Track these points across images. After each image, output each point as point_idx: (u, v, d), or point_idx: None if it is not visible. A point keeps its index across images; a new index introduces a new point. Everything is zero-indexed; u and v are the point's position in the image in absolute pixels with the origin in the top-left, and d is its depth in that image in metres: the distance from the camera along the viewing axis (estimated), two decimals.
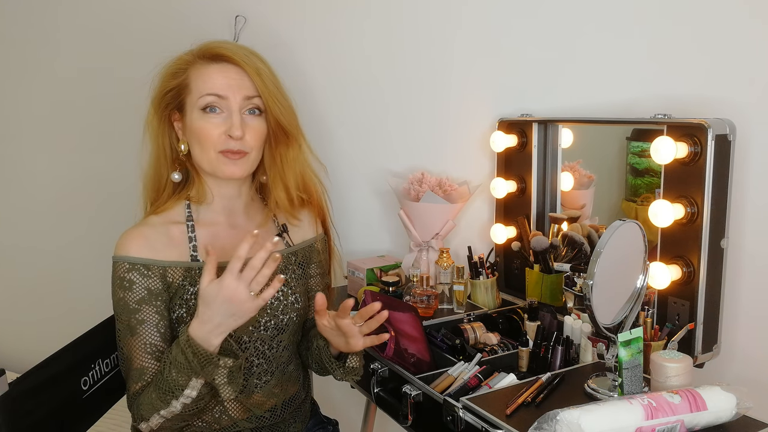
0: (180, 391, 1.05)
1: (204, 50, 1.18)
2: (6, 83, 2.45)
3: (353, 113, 1.83)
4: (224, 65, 1.17)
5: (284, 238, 1.30)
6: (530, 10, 1.51)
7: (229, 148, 1.16)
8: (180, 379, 1.05)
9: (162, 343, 1.14)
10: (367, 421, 1.65)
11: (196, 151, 1.18)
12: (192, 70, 1.18)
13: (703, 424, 0.92)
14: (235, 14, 1.86)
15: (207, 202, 1.23)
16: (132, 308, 1.12)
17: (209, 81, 1.16)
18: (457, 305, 1.49)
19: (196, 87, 1.16)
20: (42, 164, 2.44)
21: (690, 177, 1.15)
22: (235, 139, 1.15)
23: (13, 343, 2.63)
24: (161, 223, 1.19)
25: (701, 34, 1.26)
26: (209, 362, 1.03)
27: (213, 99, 1.15)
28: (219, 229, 1.23)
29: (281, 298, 1.23)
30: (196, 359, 1.03)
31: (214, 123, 1.16)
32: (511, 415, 0.99)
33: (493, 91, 1.61)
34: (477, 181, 1.64)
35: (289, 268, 1.27)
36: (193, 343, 1.03)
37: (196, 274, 1.16)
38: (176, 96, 1.19)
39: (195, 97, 1.16)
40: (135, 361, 1.13)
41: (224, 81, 1.16)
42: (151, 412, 1.08)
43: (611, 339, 1.05)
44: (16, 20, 2.36)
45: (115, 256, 1.15)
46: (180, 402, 1.06)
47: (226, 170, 1.17)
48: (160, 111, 1.20)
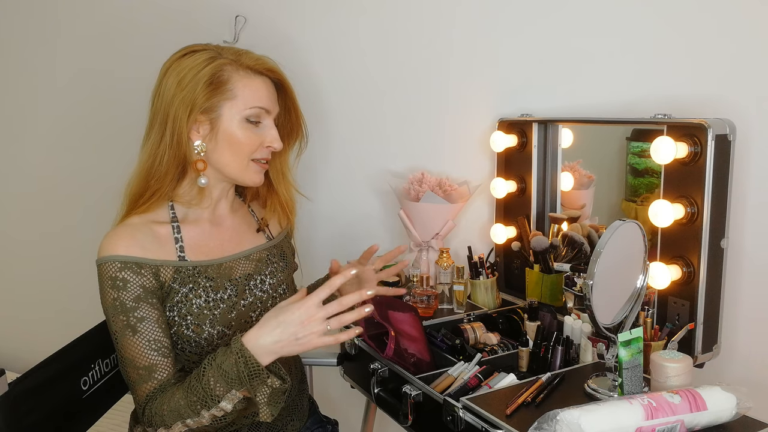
0: (215, 401, 1.02)
1: (252, 62, 1.18)
2: (5, 83, 2.45)
3: (353, 113, 1.83)
4: (265, 79, 1.21)
5: (266, 232, 1.33)
6: (530, 10, 1.51)
7: (264, 157, 1.21)
8: (218, 389, 1.02)
9: (165, 338, 1.11)
10: (367, 421, 1.65)
11: (225, 157, 1.18)
12: (237, 77, 1.16)
13: (703, 424, 0.92)
14: (235, 14, 1.86)
15: (202, 207, 1.22)
16: (129, 306, 1.09)
17: (258, 93, 1.18)
18: (457, 305, 1.49)
19: (243, 97, 1.16)
20: (44, 163, 2.44)
21: (690, 177, 1.15)
22: (275, 150, 1.22)
23: (13, 343, 2.63)
24: (144, 223, 1.16)
25: (701, 34, 1.26)
26: (257, 376, 1.01)
27: (260, 111, 1.18)
28: (204, 227, 1.23)
29: (270, 291, 1.25)
30: (246, 370, 1.00)
31: (256, 133, 1.19)
32: (511, 415, 0.99)
33: (493, 91, 1.61)
34: (477, 181, 1.64)
35: (273, 261, 1.29)
36: (246, 353, 1.01)
37: (186, 275, 1.16)
38: (210, 98, 1.15)
39: (240, 107, 1.16)
40: (141, 360, 1.09)
41: (268, 95, 1.20)
42: (176, 419, 1.04)
43: (611, 339, 1.05)
44: (16, 19, 2.36)
45: (101, 258, 1.11)
46: (210, 413, 1.03)
47: (255, 178, 1.22)
48: (194, 111, 1.14)
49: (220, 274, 1.19)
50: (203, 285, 1.16)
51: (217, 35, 1.88)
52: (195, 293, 1.15)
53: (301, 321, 1.00)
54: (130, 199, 1.20)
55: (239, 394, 1.02)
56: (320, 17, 1.81)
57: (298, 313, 1.01)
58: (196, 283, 1.16)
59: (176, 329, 1.14)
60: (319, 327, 1.00)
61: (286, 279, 1.30)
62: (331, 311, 1.01)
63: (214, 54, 1.17)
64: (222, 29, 1.86)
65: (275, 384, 1.02)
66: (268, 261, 1.28)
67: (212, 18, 1.91)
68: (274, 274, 1.27)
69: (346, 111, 1.84)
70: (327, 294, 1.02)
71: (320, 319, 1.00)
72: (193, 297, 1.15)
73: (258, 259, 1.27)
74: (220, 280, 1.18)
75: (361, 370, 1.36)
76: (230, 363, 1.01)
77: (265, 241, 1.31)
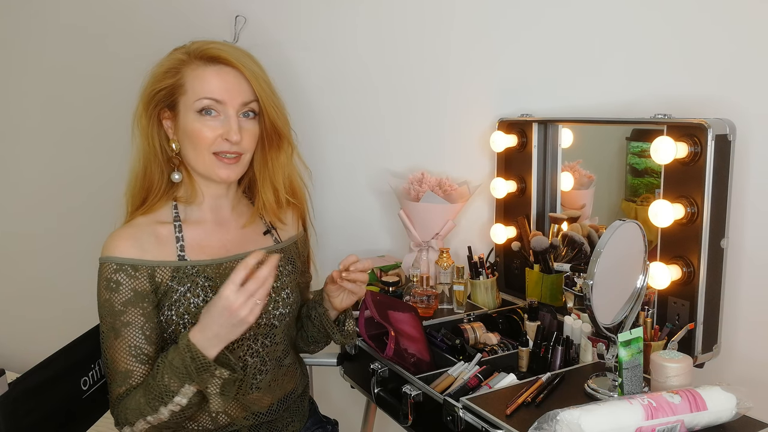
0: (170, 397, 1.05)
1: (200, 51, 1.16)
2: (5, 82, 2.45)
3: (353, 113, 1.83)
4: (221, 67, 1.16)
5: (273, 235, 1.31)
6: (531, 11, 1.51)
7: (223, 150, 1.16)
8: (172, 385, 1.05)
9: (147, 346, 1.13)
10: (367, 421, 1.65)
11: (190, 152, 1.18)
12: (187, 70, 1.16)
13: (703, 424, 0.92)
14: (235, 14, 1.86)
15: (197, 203, 1.23)
16: (117, 310, 1.12)
17: (207, 84, 1.14)
18: (457, 305, 1.49)
19: (192, 88, 1.15)
20: (42, 164, 2.44)
21: (690, 177, 1.15)
22: (233, 143, 1.15)
23: (13, 343, 2.63)
24: (148, 224, 1.18)
25: (701, 34, 1.26)
26: (206, 369, 1.03)
27: (210, 102, 1.15)
28: (207, 227, 1.23)
29: (273, 294, 1.24)
30: (194, 364, 1.03)
31: (210, 126, 1.15)
32: (511, 415, 0.99)
33: (493, 91, 1.61)
34: (477, 181, 1.64)
35: (279, 264, 1.28)
36: (192, 347, 1.03)
37: (184, 275, 1.16)
38: (169, 95, 1.17)
39: (191, 99, 1.15)
40: (119, 364, 1.12)
41: (222, 85, 1.15)
42: (137, 416, 1.08)
43: (611, 339, 1.05)
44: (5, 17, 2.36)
45: (102, 257, 1.14)
46: (168, 409, 1.06)
47: (221, 173, 1.18)
48: (150, 109, 1.18)
49: (220, 274, 1.19)
50: (202, 284, 1.17)
51: (217, 35, 1.87)
52: (193, 292, 1.16)
53: (227, 308, 1.01)
54: (128, 198, 1.23)
55: (192, 388, 1.05)
56: (320, 17, 1.81)
57: (221, 304, 1.02)
58: (194, 283, 1.16)
59: (174, 328, 1.14)
60: (246, 308, 1.01)
61: (291, 283, 1.28)
62: (252, 289, 1.01)
63: (179, 50, 1.18)
64: (222, 29, 1.86)
65: (224, 375, 1.04)
66: None
67: (212, 18, 1.91)
68: (278, 278, 1.26)
69: (346, 111, 1.84)
70: (242, 275, 1.02)
71: (243, 302, 1.01)
72: (191, 296, 1.15)
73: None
74: (219, 280, 1.18)
75: (361, 370, 1.36)
76: (179, 359, 1.04)
77: (272, 244, 1.30)
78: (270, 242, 1.30)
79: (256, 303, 1.02)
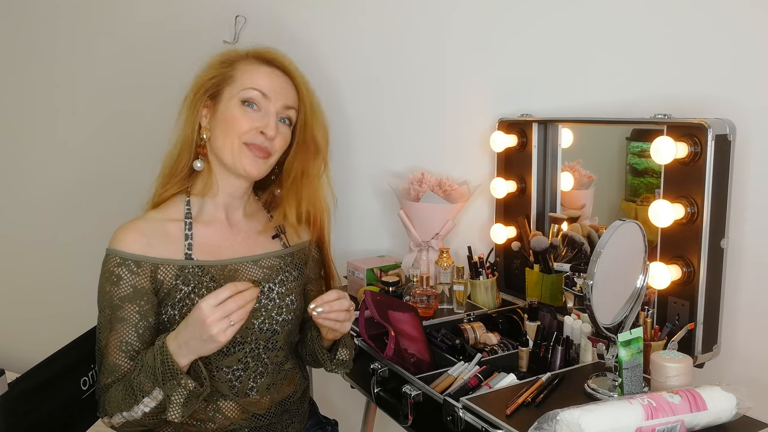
0: (141, 396, 1.05)
1: (257, 52, 1.23)
2: (17, 80, 2.45)
3: (353, 113, 1.83)
4: (274, 69, 1.22)
5: (281, 239, 1.30)
6: (530, 11, 1.51)
7: (256, 143, 1.18)
8: (145, 385, 1.05)
9: (138, 343, 1.14)
10: (367, 421, 1.65)
11: (219, 139, 1.19)
12: (241, 64, 1.21)
13: (703, 424, 0.92)
14: (235, 14, 1.86)
15: (211, 195, 1.23)
16: (115, 304, 1.13)
17: (257, 78, 1.20)
18: (457, 305, 1.49)
19: (242, 79, 1.19)
20: (47, 162, 2.44)
21: (690, 177, 1.15)
22: (267, 138, 1.18)
23: (13, 343, 2.63)
24: (159, 219, 1.19)
25: (701, 34, 1.26)
26: (173, 376, 1.03)
27: (256, 95, 1.19)
28: (216, 227, 1.23)
29: (277, 299, 1.23)
30: (162, 368, 1.03)
31: (249, 116, 1.19)
32: (511, 415, 0.99)
33: (493, 91, 1.61)
34: (477, 181, 1.64)
35: (286, 269, 1.28)
36: (165, 350, 1.03)
37: (189, 274, 1.16)
38: (217, 84, 1.21)
39: (237, 89, 1.19)
40: (109, 356, 1.14)
41: (271, 83, 1.20)
42: (115, 410, 1.09)
43: (611, 339, 1.05)
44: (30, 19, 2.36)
45: (108, 249, 1.15)
46: (140, 409, 1.06)
47: (246, 164, 1.19)
48: (199, 95, 1.21)
49: (225, 276, 1.19)
50: (206, 285, 1.16)
51: (217, 35, 1.88)
52: (198, 293, 1.15)
53: (200, 320, 1.00)
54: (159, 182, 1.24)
55: (161, 393, 1.04)
56: (320, 17, 1.81)
57: (196, 314, 1.01)
58: (199, 283, 1.16)
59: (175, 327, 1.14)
60: (218, 326, 1.00)
61: (296, 290, 1.27)
62: (229, 309, 1.00)
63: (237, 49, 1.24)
64: (222, 29, 1.86)
65: (189, 386, 1.03)
66: (280, 269, 1.26)
67: (212, 18, 1.91)
68: (284, 284, 1.25)
69: (345, 111, 1.84)
70: (225, 296, 1.00)
71: (217, 319, 0.99)
72: (195, 296, 1.15)
73: (269, 266, 1.25)
74: (224, 281, 1.18)
75: (361, 370, 1.36)
76: (152, 359, 1.04)
77: (280, 248, 1.30)
78: (278, 246, 1.29)
79: (230, 324, 1.00)
